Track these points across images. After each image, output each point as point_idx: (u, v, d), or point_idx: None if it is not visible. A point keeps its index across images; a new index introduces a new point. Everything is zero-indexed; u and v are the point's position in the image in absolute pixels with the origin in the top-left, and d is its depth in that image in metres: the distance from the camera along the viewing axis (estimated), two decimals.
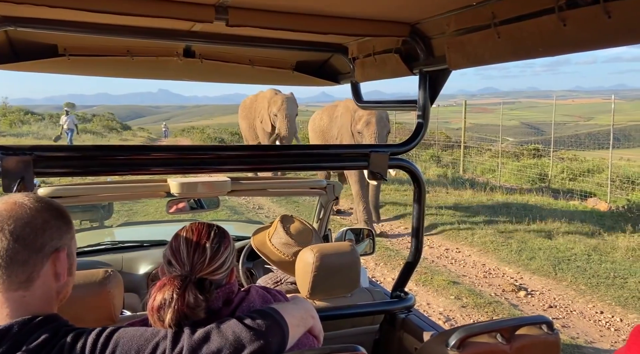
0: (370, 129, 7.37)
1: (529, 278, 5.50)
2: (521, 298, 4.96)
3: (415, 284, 5.36)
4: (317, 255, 1.69)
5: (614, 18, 1.03)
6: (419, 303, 4.83)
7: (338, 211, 8.97)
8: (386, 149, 1.75)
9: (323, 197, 2.41)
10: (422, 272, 5.69)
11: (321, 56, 2.27)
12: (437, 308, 4.70)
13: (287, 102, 10.19)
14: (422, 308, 4.68)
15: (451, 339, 1.22)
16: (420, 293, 5.12)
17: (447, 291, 5.11)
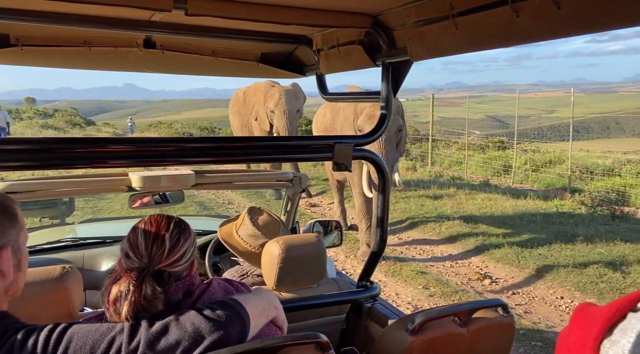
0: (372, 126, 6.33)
1: (494, 267, 5.66)
2: (486, 285, 5.10)
3: (385, 275, 5.43)
4: (283, 247, 1.69)
5: (563, 9, 1.06)
6: (388, 293, 4.90)
7: (312, 205, 8.99)
8: (350, 140, 1.76)
9: (290, 190, 2.41)
10: (391, 263, 5.77)
11: (286, 48, 2.25)
12: (405, 298, 4.79)
13: (285, 96, 8.62)
14: (391, 298, 4.75)
15: (410, 324, 1.25)
16: (389, 283, 5.20)
17: (416, 280, 5.20)
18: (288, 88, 8.91)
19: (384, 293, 4.91)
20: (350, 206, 8.07)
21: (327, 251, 6.06)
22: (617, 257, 5.66)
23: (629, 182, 9.86)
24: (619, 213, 7.64)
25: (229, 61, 2.18)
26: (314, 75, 2.25)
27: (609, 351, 0.60)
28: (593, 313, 0.66)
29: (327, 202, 9.35)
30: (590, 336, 0.63)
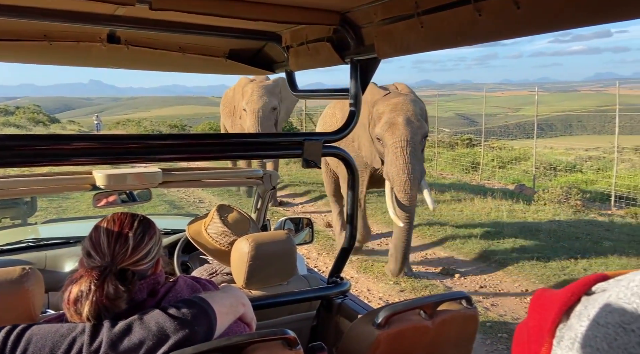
0: (395, 135, 4.64)
1: (462, 262, 5.79)
2: (455, 280, 5.21)
3: (356, 272, 5.48)
4: (253, 244, 1.69)
5: (523, 9, 1.10)
6: (360, 289, 4.95)
7: (281, 203, 8.97)
8: (320, 137, 1.77)
9: (260, 187, 2.39)
10: (362, 259, 5.82)
11: (255, 44, 2.24)
12: (377, 294, 4.84)
13: (257, 93, 7.77)
14: (362, 294, 4.79)
15: (377, 318, 1.27)
16: (361, 280, 5.24)
17: (386, 276, 5.26)
18: (265, 83, 8.00)
19: (355, 289, 4.95)
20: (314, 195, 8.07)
21: (299, 248, 6.05)
22: (579, 250, 5.87)
23: (589, 178, 10.25)
24: (580, 208, 7.93)
25: (197, 57, 2.15)
26: (284, 72, 2.24)
27: (564, 335, 0.62)
28: (550, 298, 0.69)
29: (300, 201, 9.36)
30: (547, 320, 0.65)
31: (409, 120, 4.72)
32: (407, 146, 4.63)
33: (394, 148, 4.68)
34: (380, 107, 4.90)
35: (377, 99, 5.02)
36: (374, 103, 5.03)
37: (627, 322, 0.54)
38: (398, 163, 4.65)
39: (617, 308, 0.56)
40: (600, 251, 5.82)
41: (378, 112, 4.92)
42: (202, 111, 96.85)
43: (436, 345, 1.33)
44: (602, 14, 1.02)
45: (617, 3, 0.99)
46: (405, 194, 4.70)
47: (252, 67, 2.33)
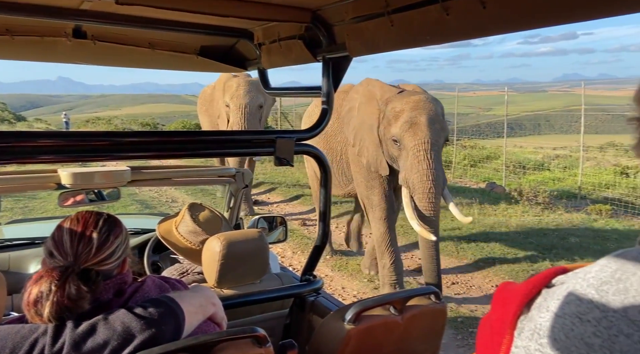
0: (418, 136, 4.07)
1: None
2: None
3: (331, 270, 5.50)
4: (224, 243, 1.67)
5: (488, 8, 1.12)
6: (335, 287, 4.97)
7: (256, 202, 8.91)
8: (292, 134, 1.76)
9: (233, 186, 2.37)
10: (337, 258, 5.85)
11: (227, 41, 2.22)
12: (351, 291, 4.87)
13: (244, 88, 7.26)
14: (337, 292, 4.81)
15: (347, 314, 1.28)
16: (336, 278, 5.27)
17: (361, 274, 5.30)
18: (250, 79, 7.42)
19: (330, 287, 4.97)
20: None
21: (273, 247, 5.98)
22: (547, 246, 6.05)
23: (557, 176, 10.56)
24: (548, 205, 8.16)
25: (167, 54, 2.12)
26: (256, 69, 2.23)
27: (525, 327, 0.64)
28: (512, 291, 0.70)
29: (275, 200, 9.32)
30: (509, 312, 0.67)
31: (432, 120, 4.13)
32: (431, 149, 4.05)
33: (416, 151, 4.07)
34: (397, 105, 4.29)
35: (390, 97, 4.44)
36: (386, 101, 4.43)
37: (584, 312, 0.56)
38: (421, 168, 4.05)
39: (574, 299, 0.58)
40: (567, 247, 6.00)
41: (394, 111, 4.28)
42: (176, 109, 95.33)
43: (406, 340, 1.35)
44: (565, 14, 1.05)
45: (579, 4, 1.03)
46: (430, 204, 4.09)
47: (224, 64, 2.31)
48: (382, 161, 4.52)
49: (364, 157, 4.66)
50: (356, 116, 4.73)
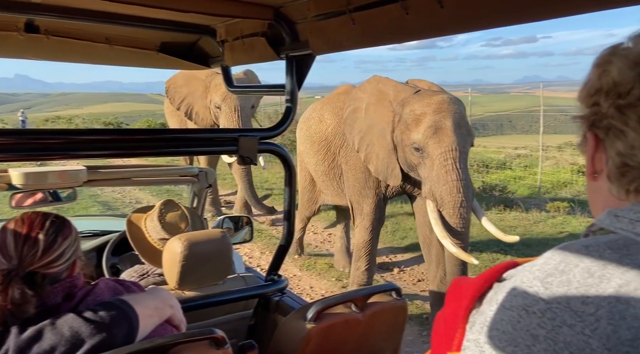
0: (444, 143, 3.63)
1: (402, 256, 5.96)
2: (395, 274, 5.36)
3: (300, 270, 5.48)
4: (186, 244, 1.63)
5: (446, 8, 1.13)
6: (303, 287, 4.96)
7: (227, 203, 8.79)
8: (255, 133, 1.74)
9: (196, 185, 2.33)
10: (305, 257, 5.84)
11: (188, 38, 2.17)
12: (319, 291, 4.87)
13: None
14: (305, 292, 4.81)
15: (308, 313, 1.27)
16: (304, 277, 5.26)
17: (329, 273, 5.32)
18: (239, 76, 6.64)
19: (298, 287, 4.96)
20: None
21: (242, 247, 5.88)
22: (508, 242, 6.23)
23: (518, 174, 10.89)
24: (510, 203, 8.41)
25: (126, 50, 2.06)
26: (220, 66, 2.19)
27: (476, 321, 0.65)
28: (465, 285, 0.71)
29: None
30: (461, 307, 0.68)
31: (458, 124, 3.68)
32: (459, 157, 3.61)
33: (443, 160, 3.61)
34: (417, 107, 3.79)
35: (407, 98, 3.95)
36: (402, 102, 3.93)
37: (529, 305, 0.57)
38: (450, 179, 3.61)
39: (521, 292, 0.59)
40: (528, 243, 6.20)
41: (415, 114, 3.78)
42: (140, 108, 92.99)
43: (367, 337, 1.36)
44: (520, 14, 1.08)
45: (534, 4, 1.05)
46: (461, 220, 3.68)
47: (186, 61, 2.26)
48: (395, 169, 4.06)
49: (372, 165, 4.18)
50: (363, 117, 4.20)
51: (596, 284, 0.54)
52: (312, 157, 5.04)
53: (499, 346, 0.57)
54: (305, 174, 5.43)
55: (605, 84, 0.63)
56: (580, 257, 0.57)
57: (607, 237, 0.60)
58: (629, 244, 0.57)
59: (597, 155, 0.66)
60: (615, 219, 0.60)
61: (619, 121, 0.61)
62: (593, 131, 0.65)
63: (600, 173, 0.66)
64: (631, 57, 0.60)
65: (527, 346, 0.55)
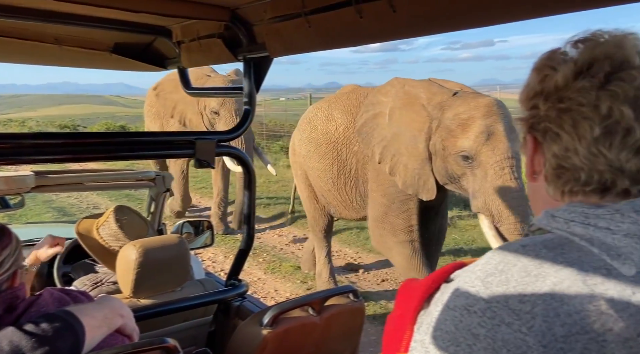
0: (499, 150, 3.21)
1: (366, 257, 6.01)
2: (359, 275, 5.40)
3: (264, 273, 5.44)
4: (140, 250, 1.59)
5: (398, 12, 1.15)
6: (267, 290, 4.92)
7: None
8: (213, 136, 1.72)
9: (153, 190, 2.27)
10: (270, 260, 5.80)
11: (143, 38, 2.12)
12: (284, 294, 4.85)
13: None
14: (270, 295, 4.77)
15: (265, 318, 1.26)
16: (269, 280, 5.22)
17: (294, 276, 5.30)
18: (234, 79, 6.25)
19: (263, 290, 4.92)
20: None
21: (206, 251, 5.77)
22: (468, 241, 6.39)
23: None
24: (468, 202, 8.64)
25: (76, 50, 1.98)
26: (176, 68, 2.15)
27: (423, 321, 0.66)
28: (414, 287, 0.72)
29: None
30: (409, 308, 0.69)
31: (510, 128, 3.27)
32: (516, 166, 3.20)
33: (499, 169, 3.17)
34: (462, 110, 3.34)
35: (446, 101, 3.48)
36: (440, 106, 3.47)
37: (471, 304, 0.59)
38: (509, 191, 3.22)
39: (463, 292, 0.61)
40: (486, 241, 6.38)
41: (460, 119, 3.33)
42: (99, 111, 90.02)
43: (325, 340, 1.36)
44: (469, 19, 1.11)
45: (483, 9, 1.08)
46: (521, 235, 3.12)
47: (141, 62, 2.20)
48: (429, 181, 3.57)
49: (400, 177, 3.66)
50: (387, 124, 3.68)
51: (532, 283, 0.56)
52: (317, 162, 4.37)
53: (443, 346, 0.58)
54: (304, 180, 4.75)
55: (546, 88, 0.65)
56: (518, 256, 0.59)
57: (543, 236, 0.62)
58: (564, 243, 0.59)
59: (536, 157, 0.68)
60: (552, 219, 0.63)
61: (555, 124, 0.64)
62: (532, 133, 0.68)
63: (539, 174, 0.69)
64: (578, 64, 0.63)
65: (468, 345, 0.56)
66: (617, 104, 0.58)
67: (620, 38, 0.61)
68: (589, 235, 0.58)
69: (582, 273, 0.56)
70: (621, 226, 0.57)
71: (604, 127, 0.59)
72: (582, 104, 0.60)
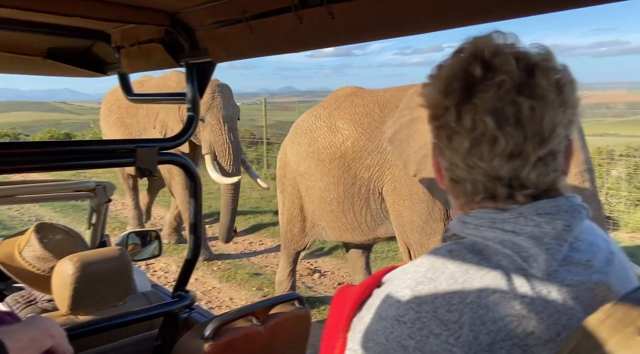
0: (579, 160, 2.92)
1: (323, 261, 6.03)
2: (316, 279, 5.40)
3: (219, 281, 5.34)
4: (78, 265, 1.51)
5: (336, 19, 1.16)
6: (222, 299, 4.83)
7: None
8: (154, 143, 1.66)
9: (93, 201, 2.17)
10: (225, 268, 5.70)
11: (80, 43, 2.03)
12: (239, 302, 4.77)
13: (220, 96, 5.43)
14: (225, 304, 4.69)
15: (206, 330, 1.23)
16: (224, 289, 5.13)
17: (250, 283, 5.23)
18: (219, 82, 5.67)
19: (217, 299, 4.82)
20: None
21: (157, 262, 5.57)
22: None
23: None
24: None
25: (5, 55, 1.87)
26: (116, 74, 2.08)
27: (356, 328, 0.65)
28: (348, 293, 0.72)
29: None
30: (342, 315, 0.68)
31: (583, 138, 3.03)
32: (594, 179, 2.98)
33: (579, 183, 2.90)
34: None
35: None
36: None
37: (401, 315, 0.59)
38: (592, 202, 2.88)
39: (394, 301, 0.61)
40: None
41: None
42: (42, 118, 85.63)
43: (270, 349, 1.34)
44: (405, 26, 1.13)
45: (417, 18, 1.10)
46: None
47: (78, 68, 2.11)
48: None
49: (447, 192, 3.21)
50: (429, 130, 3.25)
51: (460, 291, 0.57)
52: (319, 180, 3.94)
53: None
54: (295, 200, 4.35)
55: (427, 105, 0.67)
56: (445, 263, 0.60)
57: (464, 241, 0.63)
58: (482, 248, 0.61)
59: (439, 167, 0.69)
60: (464, 226, 0.64)
61: (438, 140, 0.66)
62: (434, 143, 0.69)
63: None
64: (443, 80, 0.64)
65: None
66: (479, 115, 0.59)
67: (480, 48, 0.62)
68: (499, 238, 0.59)
69: (504, 276, 0.57)
70: (525, 228, 0.59)
71: (472, 140, 0.60)
72: (450, 120, 0.62)
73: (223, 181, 5.43)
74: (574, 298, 0.57)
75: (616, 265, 0.64)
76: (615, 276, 0.62)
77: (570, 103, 0.62)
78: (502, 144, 0.59)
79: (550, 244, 0.58)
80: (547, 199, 0.61)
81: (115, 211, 8.76)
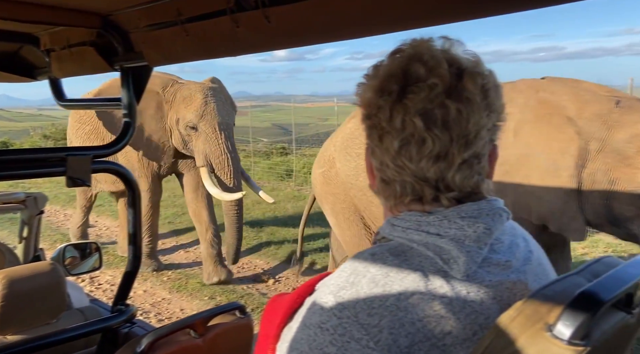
0: None
1: (277, 266, 5.98)
2: (270, 285, 5.34)
3: (169, 292, 5.17)
4: (4, 281, 1.42)
5: (273, 23, 1.15)
6: (173, 310, 4.68)
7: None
8: (87, 152, 1.59)
9: (24, 213, 2.04)
10: (176, 278, 5.54)
11: (6, 46, 1.91)
12: (191, 312, 4.64)
13: (214, 101, 4.92)
14: (175, 315, 4.55)
15: (139, 346, 1.18)
16: (174, 300, 4.97)
17: (202, 292, 5.10)
18: (212, 86, 5.16)
19: (167, 310, 4.67)
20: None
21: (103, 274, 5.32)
22: None
23: None
24: None
25: None
26: (47, 79, 1.97)
27: (286, 337, 0.64)
28: (280, 303, 0.70)
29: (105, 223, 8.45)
30: (272, 325, 0.67)
31: None
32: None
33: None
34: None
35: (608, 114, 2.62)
36: (602, 120, 2.61)
37: (324, 321, 0.58)
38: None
39: (318, 308, 0.60)
40: None
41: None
42: None
43: None
44: (342, 31, 1.13)
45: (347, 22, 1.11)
46: None
47: (5, 73, 1.99)
48: (577, 220, 2.70)
49: (533, 212, 2.81)
50: (511, 143, 2.77)
51: (380, 294, 0.57)
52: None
53: None
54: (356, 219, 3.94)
55: (362, 104, 0.67)
56: (367, 266, 0.60)
57: (389, 244, 0.63)
58: (406, 250, 0.61)
59: (371, 167, 0.70)
60: (392, 228, 0.64)
61: (370, 139, 0.66)
62: (367, 143, 0.70)
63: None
64: (379, 80, 0.65)
65: None
66: (408, 116, 0.61)
67: (419, 51, 0.64)
68: (424, 240, 0.60)
69: (423, 278, 0.58)
70: (448, 231, 0.60)
71: (401, 140, 0.61)
72: (382, 120, 0.62)
73: (225, 197, 4.91)
74: (492, 298, 0.58)
75: (533, 263, 0.66)
76: (533, 273, 0.64)
77: (494, 107, 0.64)
78: (429, 145, 0.60)
79: (471, 246, 0.59)
80: (470, 202, 0.63)
81: (58, 223, 8.34)
